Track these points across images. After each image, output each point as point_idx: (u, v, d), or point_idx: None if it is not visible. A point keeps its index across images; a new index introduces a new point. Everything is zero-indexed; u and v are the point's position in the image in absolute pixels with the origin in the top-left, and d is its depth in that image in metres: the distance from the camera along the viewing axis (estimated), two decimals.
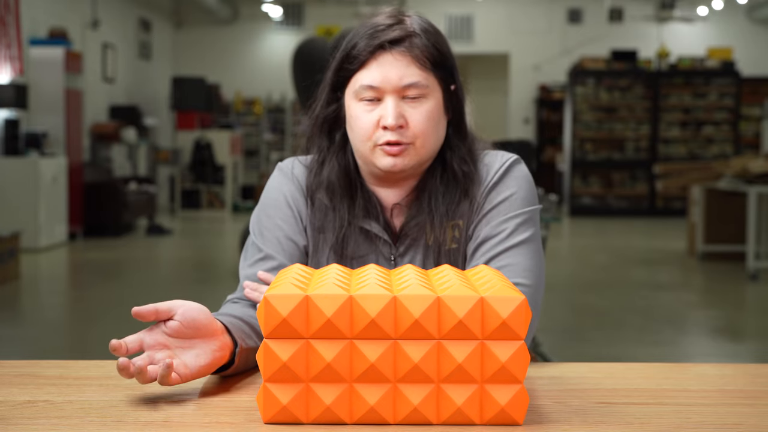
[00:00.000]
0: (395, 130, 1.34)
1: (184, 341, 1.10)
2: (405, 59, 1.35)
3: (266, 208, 1.45)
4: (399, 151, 1.35)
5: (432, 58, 1.36)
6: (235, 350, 1.17)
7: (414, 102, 1.35)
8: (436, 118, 1.37)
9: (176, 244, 9.38)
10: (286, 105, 15.25)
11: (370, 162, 1.38)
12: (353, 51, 1.37)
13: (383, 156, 1.36)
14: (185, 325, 1.09)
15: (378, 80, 1.34)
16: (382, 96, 1.35)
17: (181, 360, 1.09)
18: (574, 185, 13.31)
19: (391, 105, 1.34)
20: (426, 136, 1.36)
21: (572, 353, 4.49)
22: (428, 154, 1.38)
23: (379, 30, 1.36)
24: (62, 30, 9.64)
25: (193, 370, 1.09)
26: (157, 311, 1.09)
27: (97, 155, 11.01)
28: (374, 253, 1.41)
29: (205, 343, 1.11)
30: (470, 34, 15.01)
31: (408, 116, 1.35)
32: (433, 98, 1.37)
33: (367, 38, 1.36)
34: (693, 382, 1.21)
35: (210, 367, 1.11)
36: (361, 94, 1.36)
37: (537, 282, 1.38)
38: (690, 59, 13.54)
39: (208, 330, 1.11)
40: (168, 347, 1.09)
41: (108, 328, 5.09)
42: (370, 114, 1.36)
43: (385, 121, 1.34)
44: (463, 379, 0.98)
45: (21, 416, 1.01)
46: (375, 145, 1.36)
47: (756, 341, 5.07)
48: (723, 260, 7.86)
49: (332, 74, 1.41)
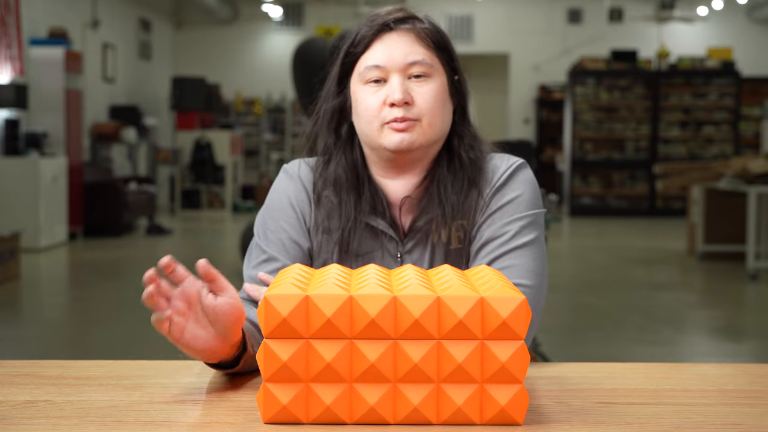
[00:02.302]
0: (402, 106, 1.35)
1: (203, 318, 1.09)
2: (409, 37, 1.38)
3: (270, 211, 1.45)
4: (406, 127, 1.35)
5: (435, 39, 1.39)
6: (242, 354, 1.16)
7: (419, 81, 1.37)
8: (442, 98, 1.38)
9: (176, 244, 9.38)
10: (286, 105, 15.25)
11: (378, 144, 1.38)
12: (357, 36, 1.40)
13: (391, 133, 1.36)
14: (216, 311, 1.08)
15: (383, 59, 1.36)
16: (387, 76, 1.37)
17: (185, 324, 1.08)
18: (574, 185, 13.31)
19: (397, 82, 1.36)
20: (433, 114, 1.37)
21: (572, 353, 4.49)
22: (435, 135, 1.38)
23: (380, 14, 1.40)
24: (62, 30, 9.64)
25: (183, 339, 1.08)
26: (215, 279, 1.08)
27: (97, 155, 11.01)
28: (380, 249, 1.41)
29: (214, 338, 1.10)
30: (470, 34, 15.01)
31: (414, 94, 1.36)
32: (438, 79, 1.38)
33: (370, 22, 1.40)
34: (693, 382, 1.21)
35: (196, 352, 1.09)
36: (366, 75, 1.37)
37: (539, 283, 1.38)
38: (690, 59, 13.54)
39: (226, 332, 1.10)
40: (191, 306, 1.08)
41: (108, 328, 5.10)
42: (376, 94, 1.37)
43: (391, 97, 1.35)
44: (463, 379, 0.98)
45: (21, 416, 1.01)
46: (382, 123, 1.36)
47: (756, 341, 5.07)
48: (723, 260, 7.86)
49: (338, 65, 1.43)
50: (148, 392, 1.11)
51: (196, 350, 1.09)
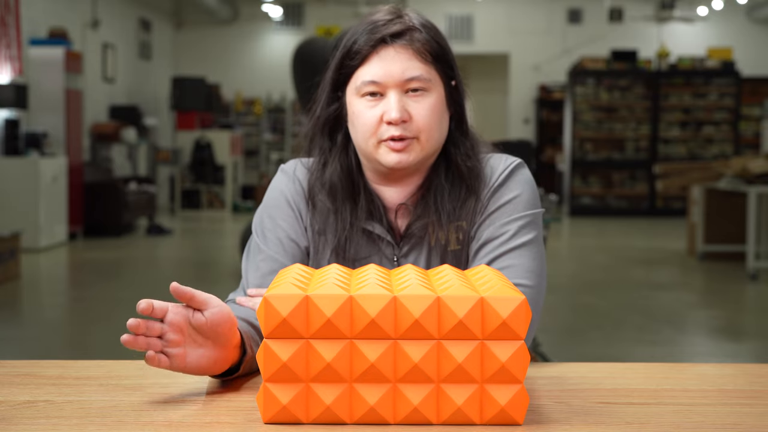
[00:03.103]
0: (399, 124, 1.33)
1: (199, 336, 1.10)
2: (407, 52, 1.35)
3: (268, 209, 1.45)
4: (403, 147, 1.34)
5: (433, 51, 1.36)
6: (242, 359, 1.17)
7: (417, 96, 1.35)
8: (439, 112, 1.36)
9: (176, 244, 9.38)
10: (286, 105, 15.25)
11: (374, 159, 1.37)
12: (354, 47, 1.36)
13: (388, 152, 1.35)
14: (209, 326, 1.09)
15: (380, 75, 1.34)
16: (384, 91, 1.35)
17: (185, 351, 1.08)
18: (574, 185, 13.30)
19: (394, 99, 1.33)
20: (430, 130, 1.35)
21: (572, 353, 4.49)
22: (433, 148, 1.38)
23: (379, 25, 1.36)
24: (62, 30, 9.64)
25: (188, 365, 1.09)
26: (192, 298, 1.09)
27: (97, 155, 11.01)
28: (377, 254, 1.41)
29: (215, 349, 1.11)
30: (470, 34, 15.01)
31: (411, 110, 1.34)
32: (436, 92, 1.36)
33: (367, 33, 1.36)
34: (693, 382, 1.21)
35: (205, 371, 1.11)
36: (363, 90, 1.35)
37: (538, 283, 1.38)
38: (690, 59, 13.54)
39: (225, 340, 1.11)
40: (183, 333, 1.09)
41: (108, 328, 5.09)
42: (373, 110, 1.35)
43: (388, 115, 1.33)
44: (463, 379, 0.98)
45: (21, 416, 1.01)
46: (379, 141, 1.35)
47: (756, 341, 5.07)
48: (723, 260, 7.86)
49: (333, 73, 1.40)
50: (148, 392, 1.11)
51: (205, 368, 1.10)
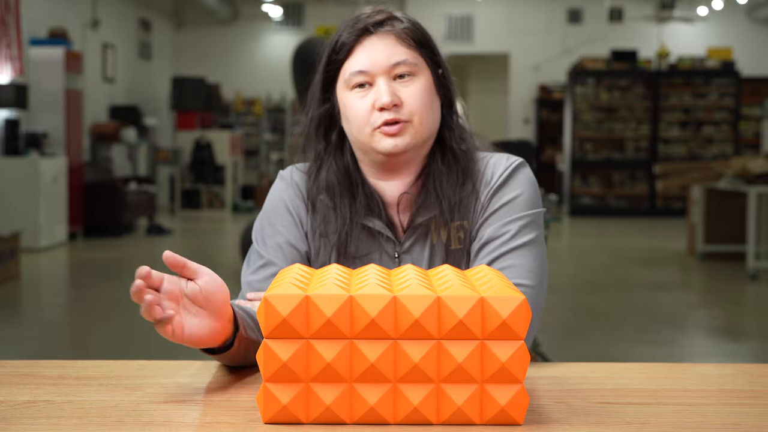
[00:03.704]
0: (391, 108, 1.35)
1: (193, 306, 1.10)
2: (390, 38, 1.38)
3: (268, 215, 1.46)
4: (398, 130, 1.35)
5: (416, 37, 1.39)
6: (235, 335, 1.16)
7: (405, 81, 1.37)
8: (429, 95, 1.38)
9: (176, 244, 9.38)
10: (286, 105, 15.25)
11: (370, 149, 1.38)
12: (338, 42, 1.39)
13: (383, 138, 1.36)
14: (202, 294, 1.09)
15: (366, 64, 1.36)
16: (372, 80, 1.36)
17: (182, 320, 1.08)
18: (574, 185, 13.30)
19: (383, 85, 1.35)
20: (423, 112, 1.37)
21: (572, 353, 4.49)
22: (427, 132, 1.39)
23: (362, 18, 1.40)
24: (62, 30, 9.64)
25: (186, 335, 1.08)
26: (185, 266, 1.10)
27: (97, 155, 11.01)
28: (377, 251, 1.41)
29: (210, 319, 1.11)
30: (470, 34, 15.00)
31: (402, 95, 1.36)
32: (424, 77, 1.38)
33: (350, 27, 1.40)
34: (693, 382, 1.21)
35: (201, 341, 1.10)
36: (351, 81, 1.37)
37: (539, 283, 1.38)
38: (690, 59, 13.54)
39: (219, 310, 1.11)
40: (178, 302, 1.09)
41: (108, 328, 5.10)
42: (364, 99, 1.37)
43: (379, 101, 1.35)
44: (463, 379, 0.98)
45: (21, 416, 1.01)
46: (373, 128, 1.36)
47: (756, 341, 5.07)
48: (723, 260, 7.86)
49: (321, 73, 1.42)
50: (148, 392, 1.11)
51: (201, 338, 1.10)
